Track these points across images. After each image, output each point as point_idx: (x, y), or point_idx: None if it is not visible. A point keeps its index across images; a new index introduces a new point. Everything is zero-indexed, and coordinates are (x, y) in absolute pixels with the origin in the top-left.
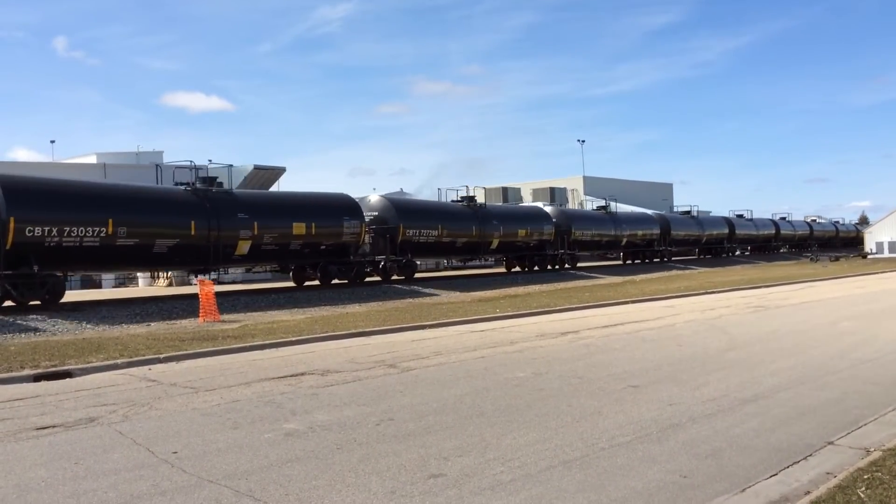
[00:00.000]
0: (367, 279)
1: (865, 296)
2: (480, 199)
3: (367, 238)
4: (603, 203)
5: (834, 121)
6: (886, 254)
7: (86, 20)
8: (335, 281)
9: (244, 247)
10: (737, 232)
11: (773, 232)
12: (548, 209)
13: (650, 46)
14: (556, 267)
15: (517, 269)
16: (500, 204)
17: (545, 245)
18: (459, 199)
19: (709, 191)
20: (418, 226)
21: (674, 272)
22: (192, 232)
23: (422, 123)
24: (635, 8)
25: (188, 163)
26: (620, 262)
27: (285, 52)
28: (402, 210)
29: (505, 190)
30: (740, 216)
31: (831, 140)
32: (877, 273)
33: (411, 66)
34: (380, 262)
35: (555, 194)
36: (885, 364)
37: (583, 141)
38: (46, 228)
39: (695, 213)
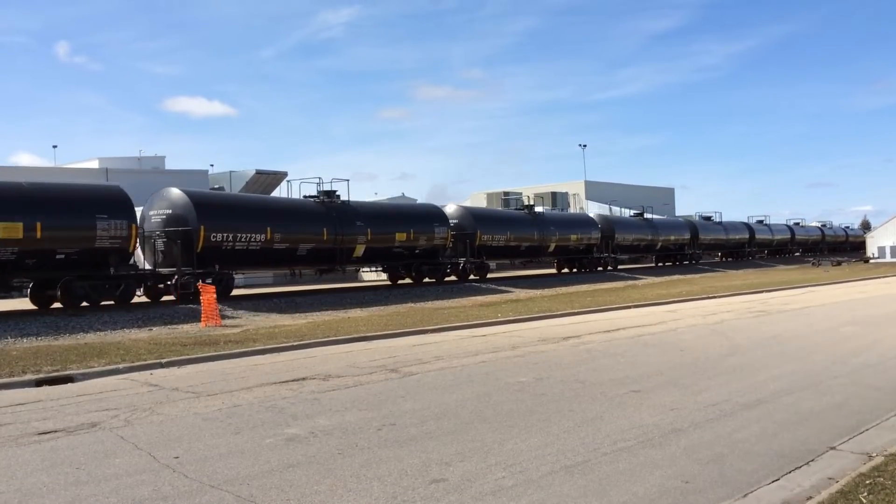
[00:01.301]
0: (164, 298)
1: (867, 300)
2: (481, 203)
3: (159, 244)
4: (529, 205)
5: (836, 125)
6: (888, 258)
7: (88, 25)
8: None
9: None
10: (701, 237)
11: (747, 237)
12: (449, 209)
13: (652, 51)
14: (457, 278)
15: (408, 280)
16: (370, 201)
17: (437, 251)
18: (317, 194)
19: (710, 195)
20: (232, 228)
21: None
22: None
23: (423, 128)
24: (637, 12)
25: None
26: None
27: (287, 56)
28: (204, 207)
29: (507, 195)
30: (707, 218)
31: (833, 144)
32: (879, 278)
33: (413, 71)
34: (172, 276)
35: (556, 199)
36: (887, 369)
37: (584, 145)
38: None
39: (649, 216)
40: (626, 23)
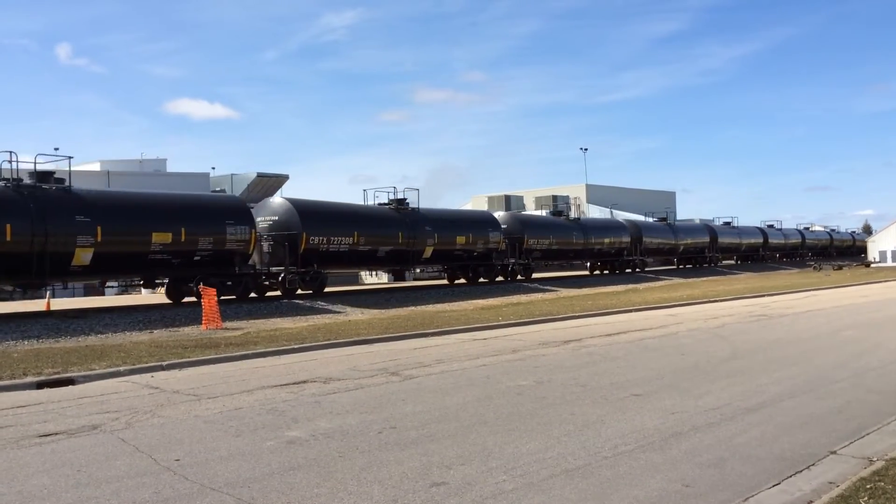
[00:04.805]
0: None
1: (868, 305)
2: (482, 206)
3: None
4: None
5: (836, 129)
6: (889, 262)
7: (90, 27)
8: None
9: None
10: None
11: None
12: (499, 215)
13: (654, 54)
14: (504, 279)
15: (463, 280)
16: (436, 208)
17: (491, 254)
18: (389, 202)
19: (711, 199)
20: (326, 232)
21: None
22: None
23: (424, 131)
24: (640, 16)
25: None
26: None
27: (290, 59)
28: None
29: (507, 198)
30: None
31: (833, 148)
32: (880, 282)
33: (413, 74)
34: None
35: (557, 202)
36: (889, 373)
37: (585, 149)
38: None
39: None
40: (628, 26)
